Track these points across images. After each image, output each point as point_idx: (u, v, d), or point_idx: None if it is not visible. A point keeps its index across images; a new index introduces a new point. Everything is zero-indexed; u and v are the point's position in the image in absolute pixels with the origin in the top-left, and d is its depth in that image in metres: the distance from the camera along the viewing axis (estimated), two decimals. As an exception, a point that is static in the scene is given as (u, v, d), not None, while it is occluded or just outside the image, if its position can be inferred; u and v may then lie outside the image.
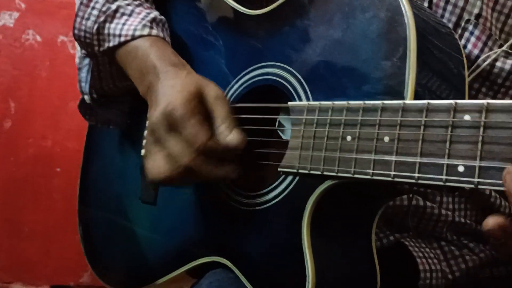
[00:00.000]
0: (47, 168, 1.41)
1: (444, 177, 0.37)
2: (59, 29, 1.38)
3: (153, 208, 0.67)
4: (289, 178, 0.51)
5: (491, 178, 0.35)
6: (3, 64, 1.37)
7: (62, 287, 1.47)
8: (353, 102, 0.45)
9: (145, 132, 0.63)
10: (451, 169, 0.37)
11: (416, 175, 0.39)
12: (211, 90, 0.54)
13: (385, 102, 0.42)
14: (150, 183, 0.58)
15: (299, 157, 0.48)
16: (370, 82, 0.45)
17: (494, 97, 0.55)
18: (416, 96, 0.42)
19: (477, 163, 0.36)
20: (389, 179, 0.41)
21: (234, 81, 0.60)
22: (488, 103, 0.36)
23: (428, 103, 0.39)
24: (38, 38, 1.41)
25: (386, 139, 0.42)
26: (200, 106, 0.53)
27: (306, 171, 0.48)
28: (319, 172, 0.46)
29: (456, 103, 0.38)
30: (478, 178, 0.36)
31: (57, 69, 1.38)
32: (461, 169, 0.37)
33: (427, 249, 0.60)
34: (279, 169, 0.50)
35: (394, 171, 0.41)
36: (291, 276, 0.48)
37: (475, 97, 0.55)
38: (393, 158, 0.41)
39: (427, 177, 0.38)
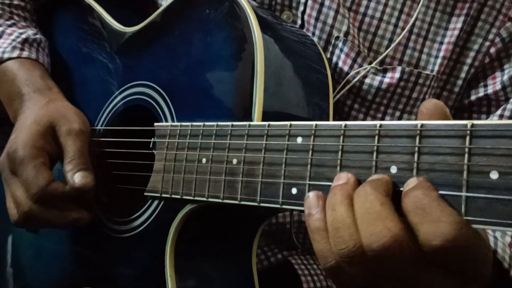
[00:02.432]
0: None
1: (280, 200, 0.37)
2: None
3: (36, 236, 0.63)
4: (156, 202, 0.49)
5: (320, 200, 0.35)
6: None
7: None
8: (208, 124, 0.44)
9: None
10: (286, 192, 0.37)
11: (258, 198, 0.39)
12: (64, 124, 0.51)
13: (234, 124, 0.41)
14: None
15: (162, 180, 0.47)
16: (224, 103, 0.45)
17: (367, 113, 0.56)
18: (266, 117, 0.42)
19: (306, 185, 0.35)
20: (237, 202, 0.40)
21: (111, 99, 0.58)
22: (316, 125, 0.36)
23: (268, 125, 0.39)
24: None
25: (235, 161, 0.41)
26: (48, 144, 0.50)
27: (168, 195, 0.46)
28: (179, 196, 0.45)
29: (290, 125, 0.37)
30: (308, 200, 0.35)
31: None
32: (294, 191, 0.36)
33: (315, 266, 0.60)
34: (145, 193, 0.49)
35: (241, 195, 0.40)
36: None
37: (349, 114, 0.56)
38: (239, 180, 0.40)
39: (267, 200, 0.38)
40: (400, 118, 0.55)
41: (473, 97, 0.56)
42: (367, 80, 0.54)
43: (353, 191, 0.31)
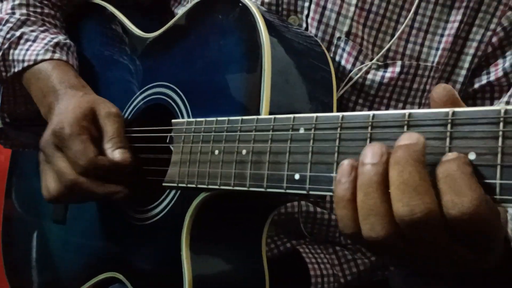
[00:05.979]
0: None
1: (284, 185, 0.41)
2: None
3: (63, 227, 0.68)
4: (172, 192, 0.53)
5: (319, 184, 0.38)
6: None
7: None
8: (220, 119, 0.48)
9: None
10: (290, 178, 0.40)
11: (265, 184, 0.42)
12: (104, 108, 0.57)
13: (244, 118, 0.45)
14: (49, 202, 0.60)
15: (178, 171, 0.51)
16: (235, 100, 0.49)
17: (371, 107, 0.59)
18: (273, 112, 0.46)
19: (307, 172, 0.39)
20: (245, 188, 0.44)
21: (132, 99, 0.63)
22: (317, 117, 0.40)
23: (274, 119, 0.43)
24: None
25: (244, 152, 0.45)
26: (90, 125, 0.55)
27: (184, 185, 0.50)
28: (194, 185, 0.49)
29: (294, 118, 0.41)
30: (309, 185, 0.39)
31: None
32: (297, 177, 0.40)
33: (322, 255, 0.63)
34: (163, 184, 0.53)
35: (250, 181, 0.44)
36: None
37: (354, 109, 0.59)
38: (248, 170, 0.44)
39: (273, 185, 0.42)
40: (403, 109, 0.59)
41: (476, 85, 0.59)
42: (369, 76, 0.58)
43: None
